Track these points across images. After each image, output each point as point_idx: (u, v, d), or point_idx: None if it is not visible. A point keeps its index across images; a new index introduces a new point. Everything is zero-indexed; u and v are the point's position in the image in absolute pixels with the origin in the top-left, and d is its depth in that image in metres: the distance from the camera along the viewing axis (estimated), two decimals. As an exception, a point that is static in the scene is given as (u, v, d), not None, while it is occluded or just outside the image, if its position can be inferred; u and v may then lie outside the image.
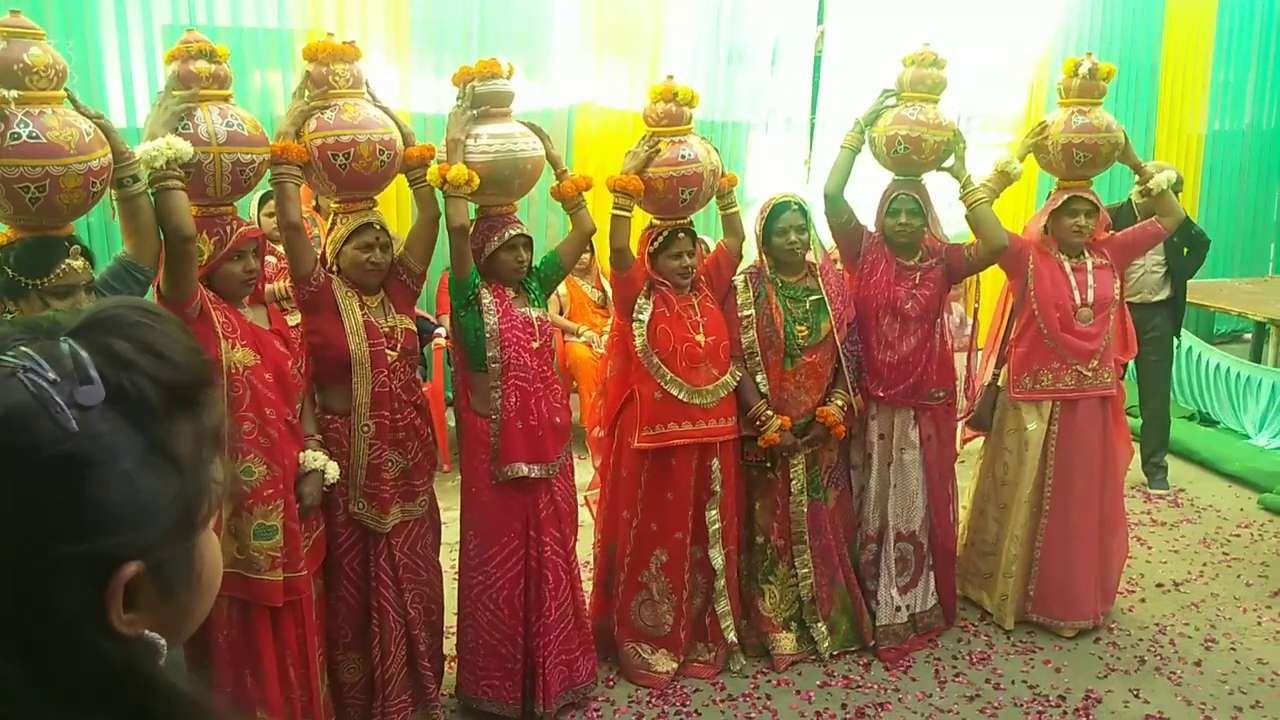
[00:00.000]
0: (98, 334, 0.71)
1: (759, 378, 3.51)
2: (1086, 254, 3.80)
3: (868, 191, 3.83)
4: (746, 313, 3.51)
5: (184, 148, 2.47)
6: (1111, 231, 3.99)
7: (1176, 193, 4.46)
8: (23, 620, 0.66)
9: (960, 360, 4.04)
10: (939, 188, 3.78)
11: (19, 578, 0.65)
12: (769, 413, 3.48)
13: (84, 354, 0.69)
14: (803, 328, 3.50)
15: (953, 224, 4.16)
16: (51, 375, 0.67)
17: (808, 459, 3.59)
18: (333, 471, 2.85)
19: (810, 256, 3.56)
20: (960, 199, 3.64)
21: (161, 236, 2.50)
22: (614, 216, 3.26)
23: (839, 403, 3.56)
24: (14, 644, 0.66)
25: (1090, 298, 3.74)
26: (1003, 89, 6.85)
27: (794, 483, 3.58)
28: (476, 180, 2.92)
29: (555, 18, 5.88)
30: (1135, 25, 7.03)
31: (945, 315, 3.78)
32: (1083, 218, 3.72)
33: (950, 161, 3.62)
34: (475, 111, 3.00)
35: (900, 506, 3.75)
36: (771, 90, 6.44)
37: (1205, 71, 7.30)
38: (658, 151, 3.26)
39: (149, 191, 2.46)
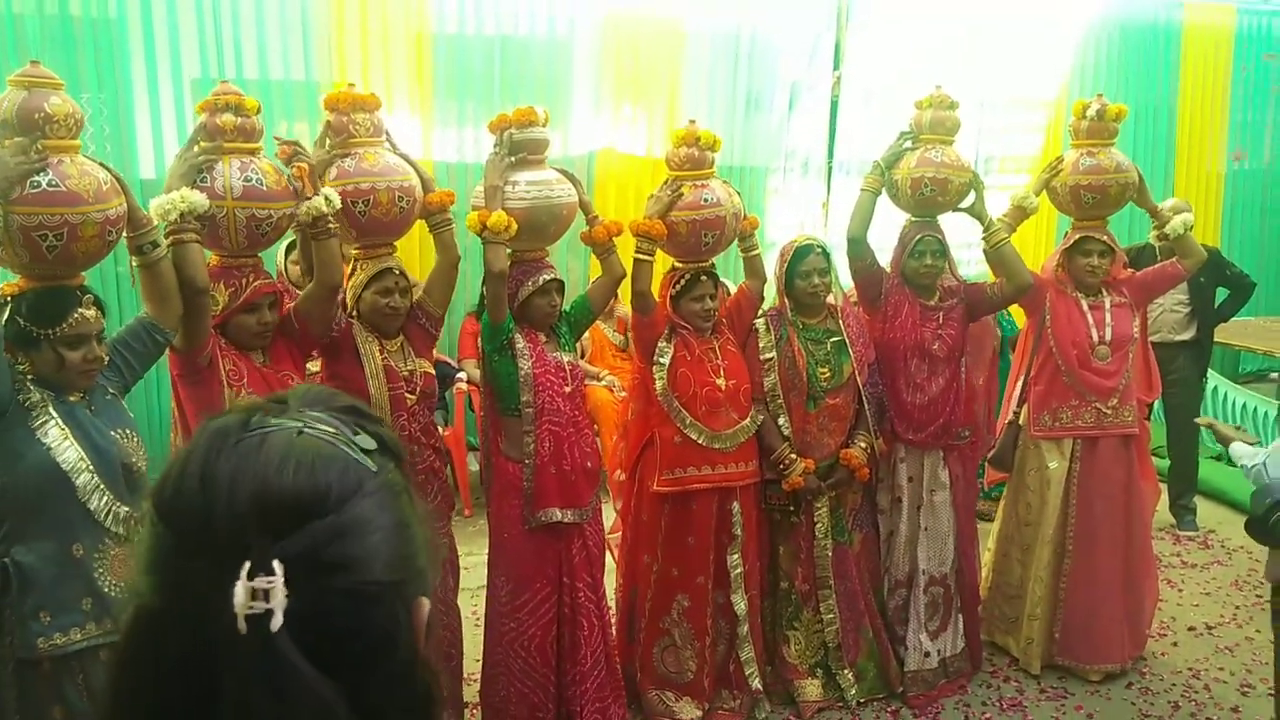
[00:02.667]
0: (322, 406, 0.78)
1: (781, 420, 3.50)
2: (1105, 292, 3.80)
3: (880, 232, 3.84)
4: (768, 355, 3.50)
5: (198, 200, 2.48)
6: (1131, 271, 3.98)
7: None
8: (354, 649, 0.70)
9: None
10: (952, 228, 3.79)
11: (349, 607, 0.69)
12: (792, 455, 3.46)
13: (332, 416, 0.76)
14: (825, 370, 3.50)
15: (972, 265, 4.16)
16: (331, 430, 0.74)
17: (831, 502, 3.57)
18: None
19: (831, 299, 3.57)
20: (983, 238, 3.66)
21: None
22: (636, 260, 3.28)
23: (862, 445, 3.55)
24: (347, 674, 0.69)
25: (1108, 336, 3.73)
26: (1019, 131, 6.87)
27: (818, 526, 3.55)
28: (515, 226, 2.95)
29: (574, 65, 5.97)
30: (1151, 65, 7.06)
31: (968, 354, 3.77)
32: (1095, 258, 3.72)
33: (970, 200, 3.63)
34: (513, 158, 3.04)
35: (933, 550, 3.70)
36: (789, 135, 6.49)
37: (1223, 110, 7.30)
38: (680, 196, 3.28)
39: (166, 245, 2.49)
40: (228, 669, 0.65)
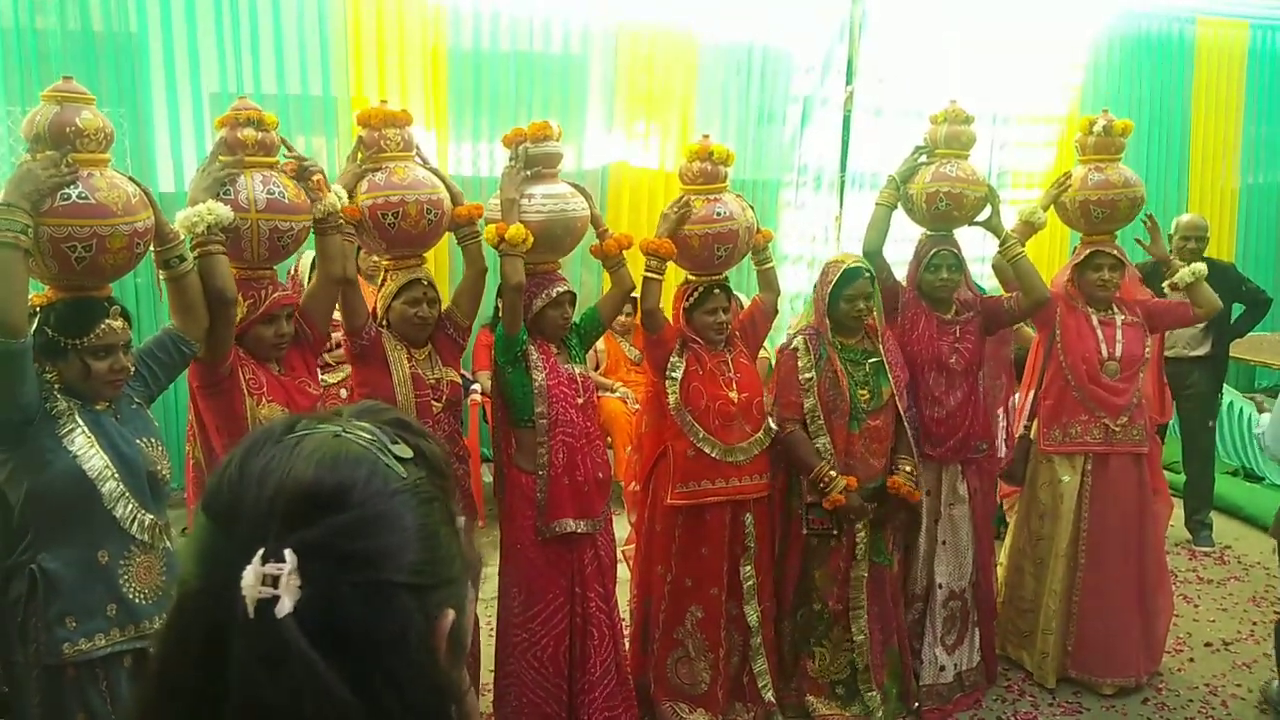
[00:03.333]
0: (370, 417, 0.80)
1: (822, 441, 3.41)
2: (1116, 310, 3.80)
3: (897, 247, 3.85)
4: (807, 375, 3.42)
5: (224, 213, 2.53)
6: (1150, 294, 3.97)
7: (1198, 252, 4.48)
8: (371, 649, 0.71)
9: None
10: (967, 242, 3.80)
11: (367, 608, 0.71)
12: (833, 473, 3.38)
13: (376, 426, 0.78)
14: (864, 391, 3.43)
15: (986, 278, 4.17)
16: (369, 436, 0.76)
17: (871, 522, 3.50)
18: None
19: (870, 320, 3.51)
20: (1000, 252, 3.67)
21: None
22: (646, 279, 3.30)
23: (907, 469, 3.50)
24: (366, 675, 0.70)
25: (1118, 352, 3.72)
26: (1032, 146, 6.89)
27: (858, 548, 3.49)
28: (531, 239, 2.99)
29: (588, 80, 6.02)
30: (1164, 81, 7.07)
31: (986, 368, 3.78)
32: (1106, 272, 3.72)
33: (986, 214, 3.64)
34: (529, 172, 3.07)
35: (952, 564, 3.70)
36: (801, 148, 6.52)
37: (1237, 126, 7.30)
38: (689, 213, 3.30)
39: (193, 257, 2.53)
40: (237, 651, 0.68)
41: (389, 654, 0.71)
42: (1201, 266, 3.84)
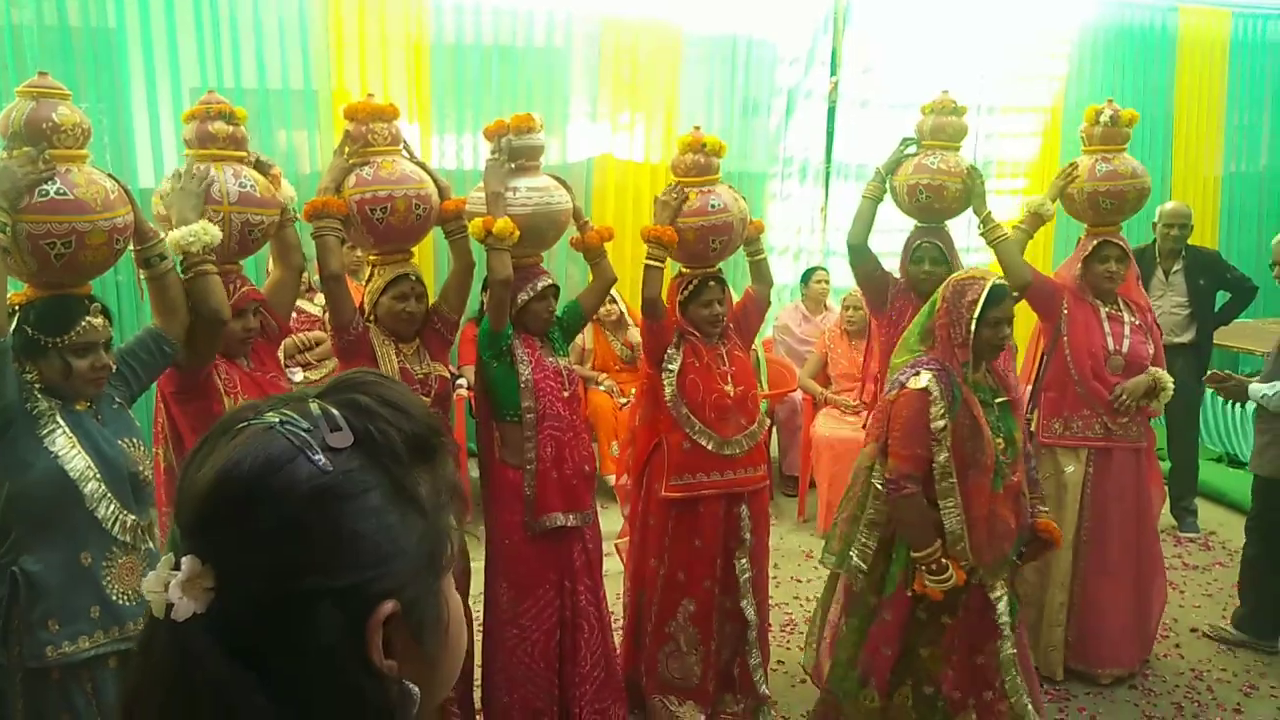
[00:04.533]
0: (341, 392, 0.78)
1: (949, 504, 2.81)
2: (1124, 307, 3.76)
3: (889, 237, 3.85)
4: (941, 423, 2.79)
5: (218, 234, 2.53)
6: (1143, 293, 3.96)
7: (1179, 255, 4.47)
8: (283, 652, 0.70)
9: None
10: (960, 233, 3.79)
11: (280, 611, 0.70)
12: (945, 561, 2.81)
13: (332, 409, 0.75)
14: (999, 440, 2.85)
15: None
16: (305, 425, 0.74)
17: (1010, 582, 2.99)
18: None
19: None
20: (981, 234, 3.65)
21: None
22: (647, 267, 3.28)
23: (1044, 509, 3.12)
24: (275, 676, 0.70)
25: (1124, 347, 3.70)
26: (1016, 136, 6.90)
27: (999, 618, 2.92)
28: (518, 233, 2.97)
29: (571, 72, 5.99)
30: (1147, 71, 7.08)
31: None
32: (1113, 263, 3.70)
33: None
34: (513, 165, 3.06)
35: None
36: (787, 140, 6.51)
37: (1219, 115, 7.33)
38: (686, 200, 3.29)
39: (180, 274, 2.52)
40: (155, 655, 0.71)
41: (302, 658, 0.70)
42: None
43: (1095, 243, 3.73)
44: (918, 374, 2.82)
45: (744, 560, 3.43)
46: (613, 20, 5.95)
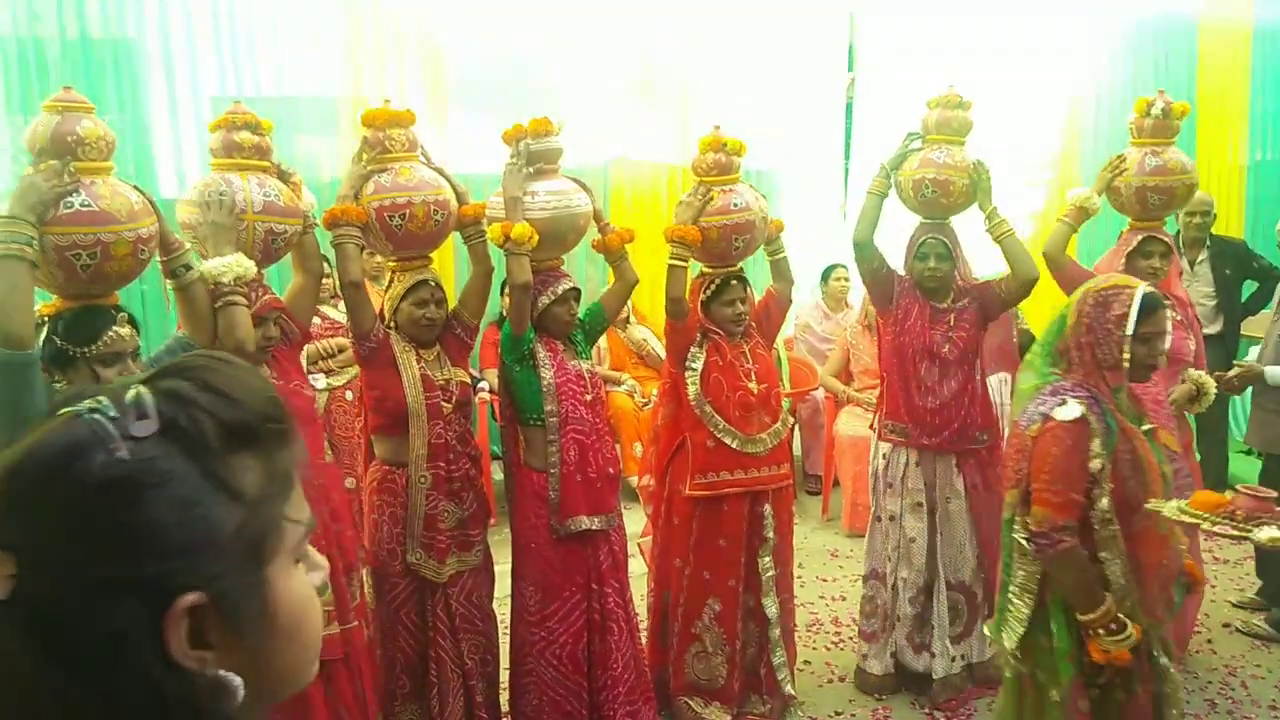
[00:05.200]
0: (164, 378, 0.76)
1: (1111, 555, 2.36)
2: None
3: (897, 235, 3.80)
4: (1097, 463, 2.35)
5: (251, 267, 2.54)
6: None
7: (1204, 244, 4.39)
8: (83, 641, 0.69)
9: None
10: (966, 229, 3.73)
11: (74, 600, 0.69)
12: (1122, 617, 2.35)
13: (147, 395, 0.73)
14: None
15: (987, 264, 4.09)
16: (113, 413, 0.72)
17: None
18: None
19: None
20: (987, 230, 3.58)
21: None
22: (671, 266, 3.27)
23: (1182, 545, 2.68)
24: (77, 665, 0.69)
25: (1167, 345, 3.62)
26: (1039, 129, 6.84)
27: (1170, 689, 2.49)
28: (537, 237, 2.97)
29: (586, 74, 5.99)
30: (1170, 60, 7.01)
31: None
32: (1157, 259, 3.62)
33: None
34: (531, 169, 3.06)
35: (949, 557, 3.65)
36: (804, 138, 6.48)
37: (1243, 103, 7.25)
38: (710, 200, 3.28)
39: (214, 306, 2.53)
40: None
41: (100, 648, 0.69)
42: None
43: (1139, 238, 3.65)
44: (1064, 403, 2.35)
45: (767, 559, 3.42)
46: (625, 20, 5.95)
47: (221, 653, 0.73)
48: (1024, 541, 2.40)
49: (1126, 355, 2.36)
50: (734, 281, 3.36)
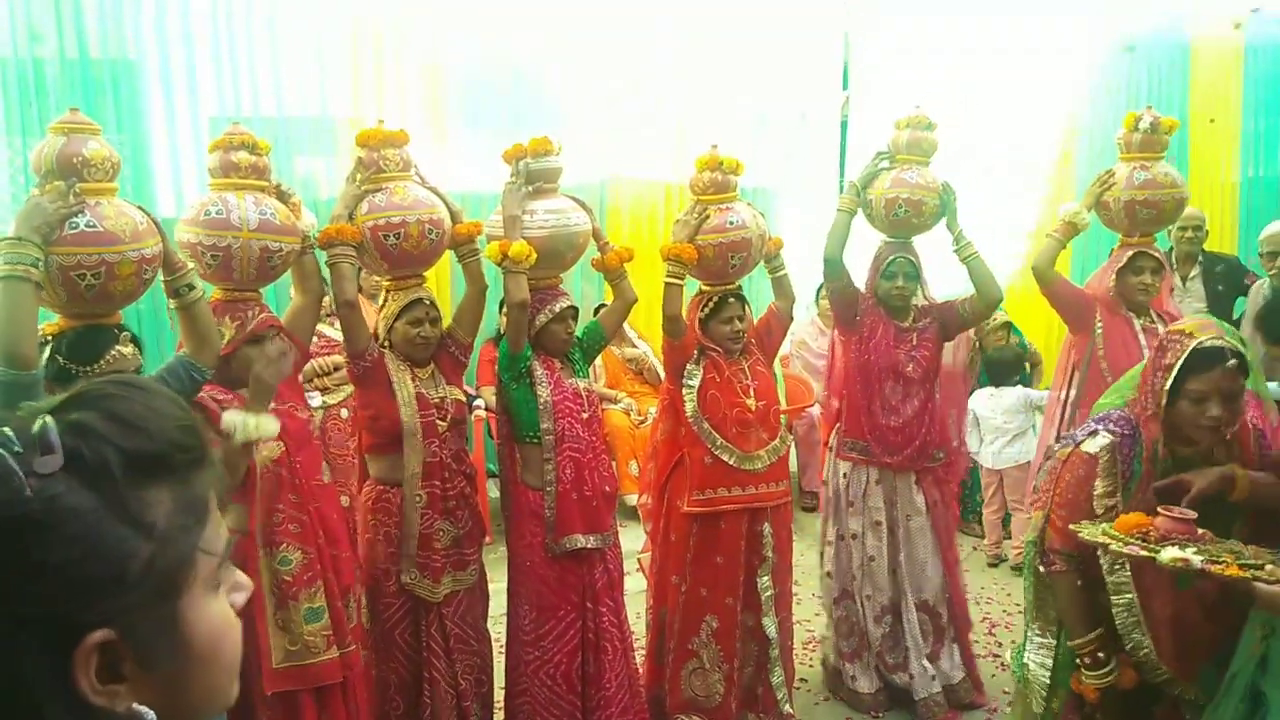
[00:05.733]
0: (70, 409, 0.74)
1: (1122, 600, 2.25)
2: (1156, 319, 3.65)
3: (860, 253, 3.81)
4: (1109, 501, 2.30)
5: (271, 429, 2.49)
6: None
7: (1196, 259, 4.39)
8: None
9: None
10: (927, 249, 3.74)
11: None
12: (1101, 654, 2.32)
13: (51, 426, 0.71)
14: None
15: (945, 284, 4.07)
16: (17, 448, 0.70)
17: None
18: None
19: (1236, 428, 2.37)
20: (954, 251, 3.61)
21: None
22: (667, 285, 3.30)
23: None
24: None
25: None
26: (1031, 144, 6.88)
27: None
28: (534, 255, 2.99)
29: (584, 92, 6.03)
30: (1162, 76, 7.06)
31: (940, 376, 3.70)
32: (1148, 275, 3.61)
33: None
34: (530, 188, 3.08)
35: (912, 575, 3.66)
36: (799, 156, 6.52)
37: (1235, 120, 7.30)
38: (706, 219, 3.30)
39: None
40: None
41: (6, 687, 0.68)
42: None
43: (1130, 254, 3.64)
44: (1096, 433, 2.34)
45: (766, 578, 3.42)
46: (622, 41, 6.00)
47: (134, 685, 0.72)
48: (1037, 562, 2.44)
49: (1160, 409, 2.23)
50: (731, 299, 3.38)
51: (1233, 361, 2.18)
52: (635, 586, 3.64)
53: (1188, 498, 2.09)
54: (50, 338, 2.34)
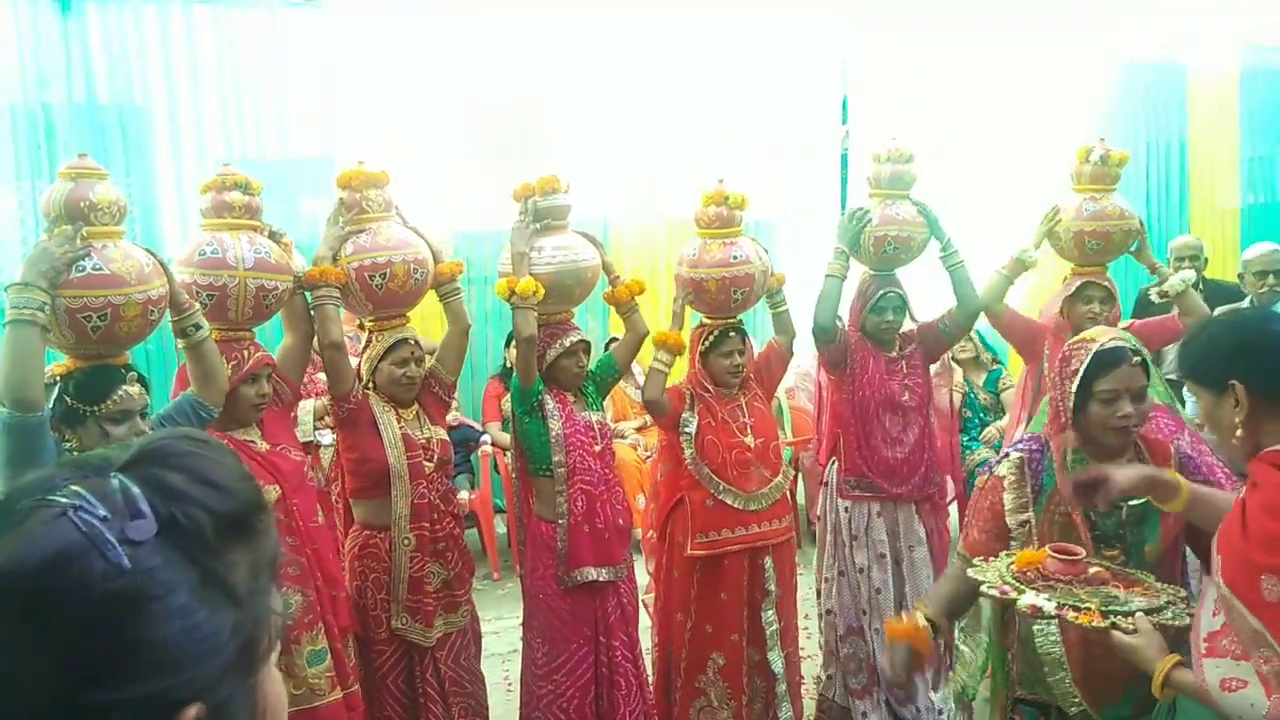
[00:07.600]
0: (148, 467, 0.70)
1: (1042, 623, 2.19)
2: None
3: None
4: (1021, 518, 2.28)
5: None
6: (1131, 320, 3.90)
7: (1196, 287, 4.42)
8: None
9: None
10: (910, 279, 3.74)
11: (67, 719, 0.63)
12: (922, 614, 2.35)
13: (134, 488, 0.67)
14: (1113, 551, 2.20)
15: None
16: (102, 512, 0.65)
17: None
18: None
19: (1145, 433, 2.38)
20: (941, 258, 3.62)
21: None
22: (653, 369, 3.32)
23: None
24: None
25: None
26: (1030, 174, 6.90)
27: None
28: (542, 291, 3.01)
29: (587, 129, 6.09)
30: (1159, 104, 7.11)
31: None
32: (1097, 304, 3.65)
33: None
34: (538, 225, 3.11)
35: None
36: (800, 190, 6.56)
37: (1234, 147, 7.34)
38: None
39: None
40: None
41: None
42: (1190, 274, 3.77)
43: (1080, 283, 3.68)
44: (1007, 455, 2.35)
45: (770, 613, 3.39)
46: (623, 76, 6.06)
47: None
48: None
49: (1069, 416, 2.21)
50: (732, 333, 3.38)
51: (1136, 359, 2.21)
52: (646, 622, 3.61)
53: (1105, 497, 2.02)
54: (58, 378, 2.35)
